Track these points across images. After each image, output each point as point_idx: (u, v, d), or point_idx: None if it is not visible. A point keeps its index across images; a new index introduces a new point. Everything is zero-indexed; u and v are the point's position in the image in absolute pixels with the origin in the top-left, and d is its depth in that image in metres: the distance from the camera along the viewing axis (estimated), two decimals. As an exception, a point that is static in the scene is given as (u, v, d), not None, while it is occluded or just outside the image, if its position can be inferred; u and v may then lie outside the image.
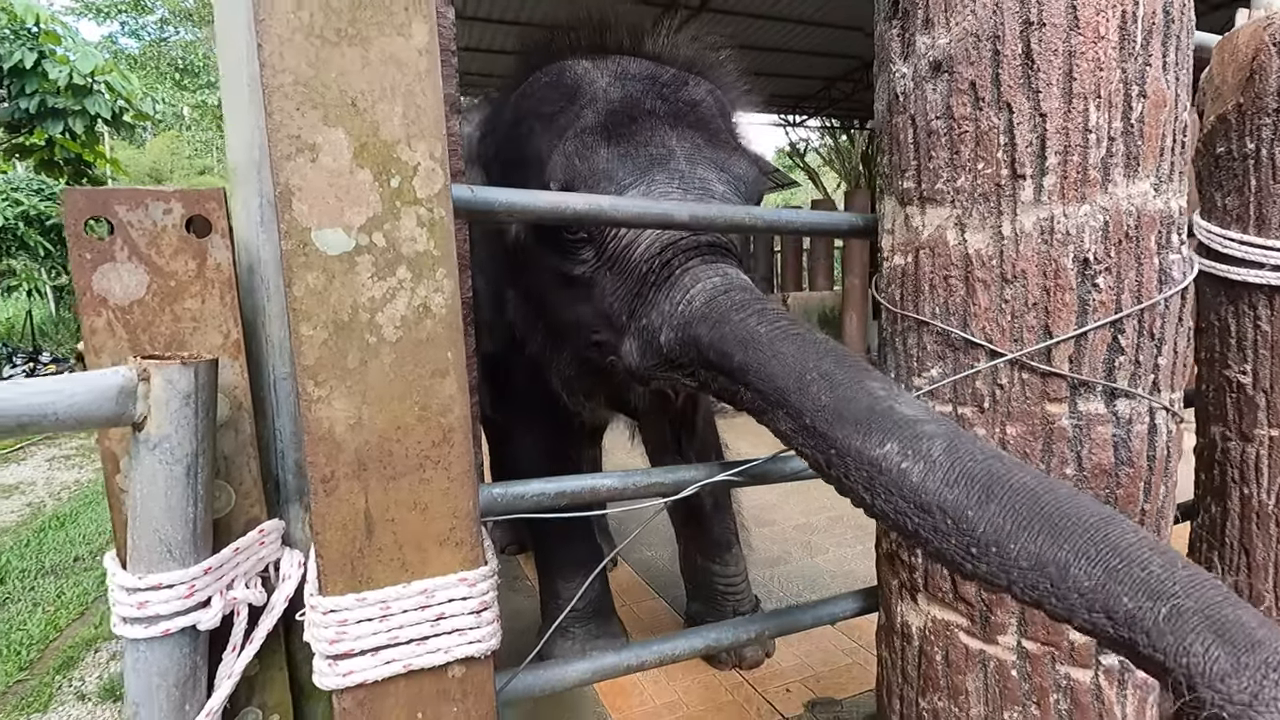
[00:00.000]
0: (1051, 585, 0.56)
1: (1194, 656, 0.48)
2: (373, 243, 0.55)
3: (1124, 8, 0.76)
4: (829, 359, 0.77)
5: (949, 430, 0.67)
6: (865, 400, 0.71)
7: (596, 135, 1.12)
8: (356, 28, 0.53)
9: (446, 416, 0.58)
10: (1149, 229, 0.79)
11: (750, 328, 0.86)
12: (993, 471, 0.62)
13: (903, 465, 0.65)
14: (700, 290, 0.95)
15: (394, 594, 0.56)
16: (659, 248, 1.05)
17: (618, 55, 1.30)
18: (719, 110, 1.29)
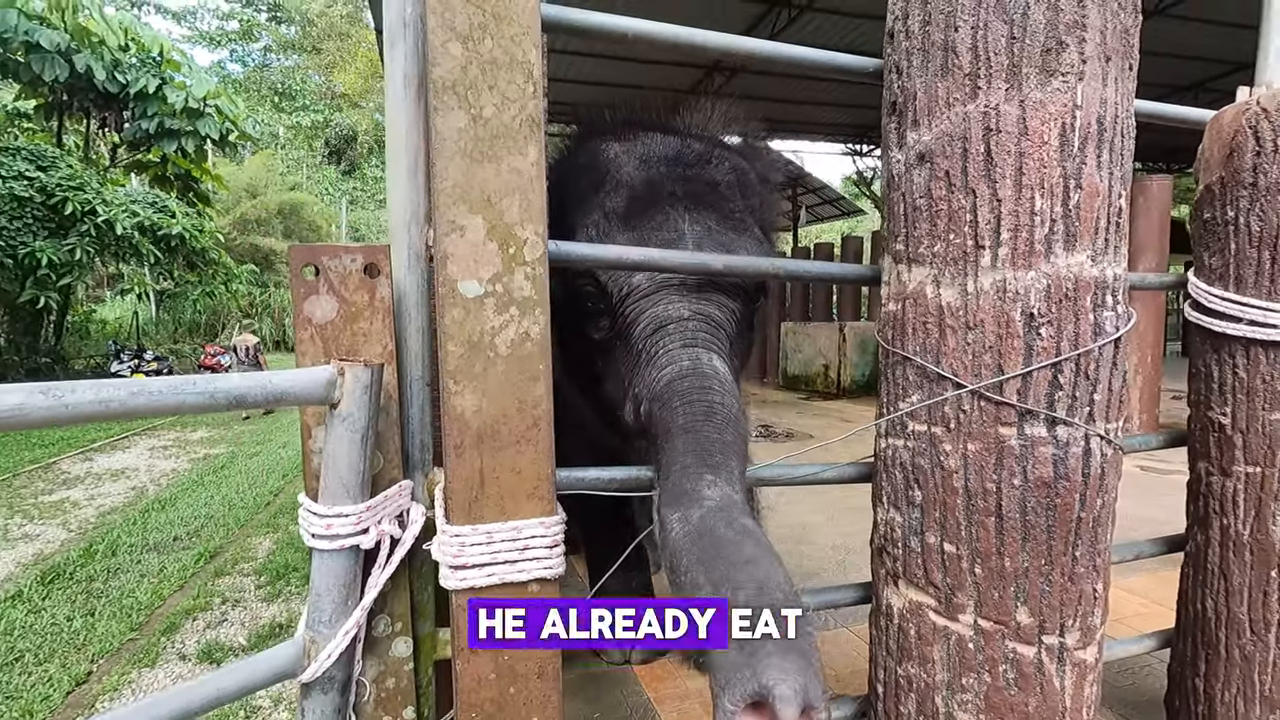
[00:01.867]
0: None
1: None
2: (495, 290, 0.82)
3: (1064, 120, 0.97)
4: (694, 455, 1.05)
5: (720, 505, 0.95)
6: (689, 485, 0.99)
7: (617, 219, 1.34)
8: (494, 150, 0.81)
9: (536, 409, 0.84)
10: (1085, 291, 0.99)
11: (669, 416, 1.13)
12: (706, 528, 0.90)
13: (674, 525, 0.92)
14: (667, 373, 1.19)
15: (496, 528, 0.82)
16: (653, 329, 1.26)
17: (650, 132, 1.49)
18: (740, 187, 1.46)
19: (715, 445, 1.10)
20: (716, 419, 1.14)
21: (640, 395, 1.25)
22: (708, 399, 1.17)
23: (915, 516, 1.11)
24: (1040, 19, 0.97)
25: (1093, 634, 1.06)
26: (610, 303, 1.35)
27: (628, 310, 1.32)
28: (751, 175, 1.55)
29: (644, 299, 1.30)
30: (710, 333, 1.29)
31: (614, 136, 1.51)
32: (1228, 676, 1.42)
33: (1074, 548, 1.02)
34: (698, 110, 1.61)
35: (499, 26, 0.80)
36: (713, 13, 10.52)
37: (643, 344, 1.29)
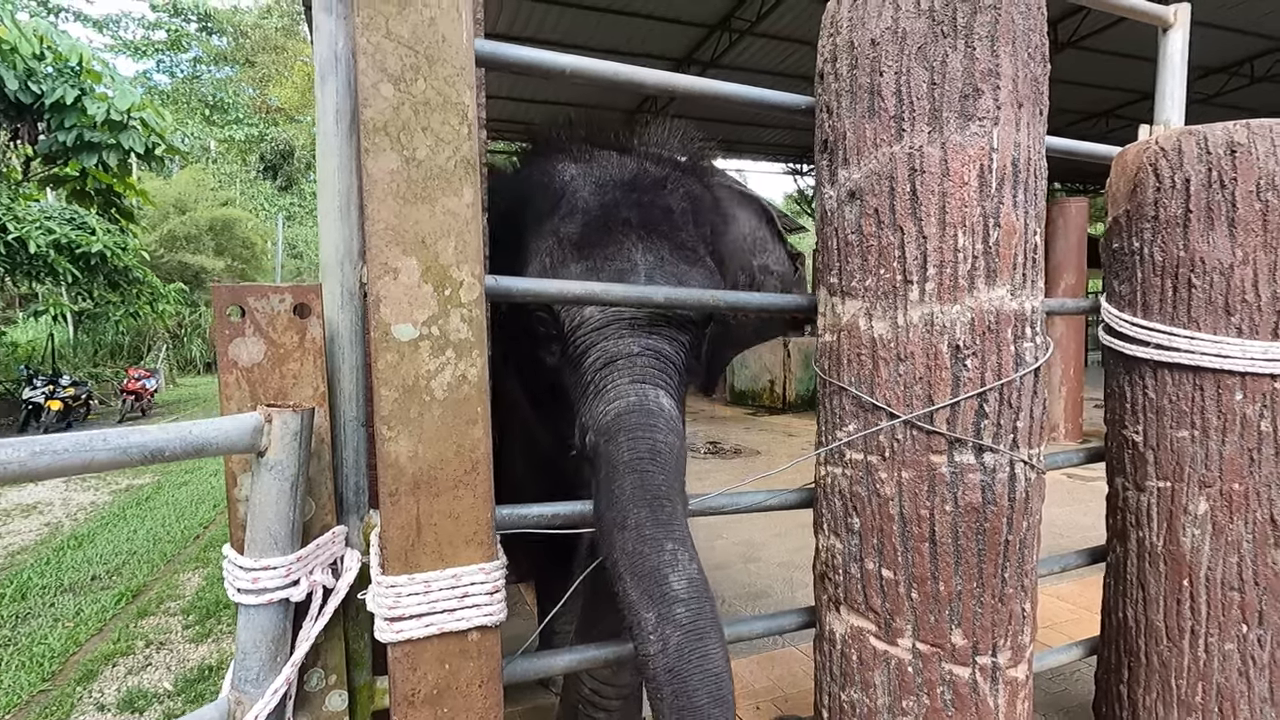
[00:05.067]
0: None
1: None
2: (431, 333, 0.81)
3: (982, 162, 1.03)
4: (647, 508, 1.09)
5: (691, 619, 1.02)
6: (653, 561, 1.04)
7: (571, 247, 1.33)
8: (428, 192, 0.80)
9: (475, 453, 0.83)
10: (1006, 324, 1.04)
11: (615, 451, 1.15)
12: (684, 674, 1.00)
13: (651, 635, 1.01)
14: (614, 407, 1.20)
15: (434, 576, 0.80)
16: (603, 362, 1.26)
17: (607, 153, 1.49)
18: (694, 214, 1.47)
19: (663, 492, 1.11)
20: (660, 459, 1.14)
21: (588, 426, 1.25)
22: (653, 437, 1.17)
23: (854, 543, 1.13)
24: (958, 66, 1.03)
25: (1023, 652, 1.10)
26: (562, 331, 1.34)
27: (579, 341, 1.32)
28: (706, 200, 1.56)
29: (595, 332, 1.30)
30: (658, 368, 1.30)
31: (569, 156, 1.51)
32: (1148, 682, 1.50)
33: (1003, 570, 1.06)
34: (653, 130, 1.62)
35: (432, 68, 0.80)
36: (655, 37, 10.69)
37: (592, 376, 1.28)
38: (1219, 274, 1.38)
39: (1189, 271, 1.41)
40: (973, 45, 1.02)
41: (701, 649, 1.00)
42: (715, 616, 1.06)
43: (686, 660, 0.99)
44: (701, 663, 1.00)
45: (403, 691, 0.81)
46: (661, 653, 1.00)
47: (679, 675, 0.99)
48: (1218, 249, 1.38)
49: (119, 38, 29.14)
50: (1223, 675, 1.40)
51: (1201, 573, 1.42)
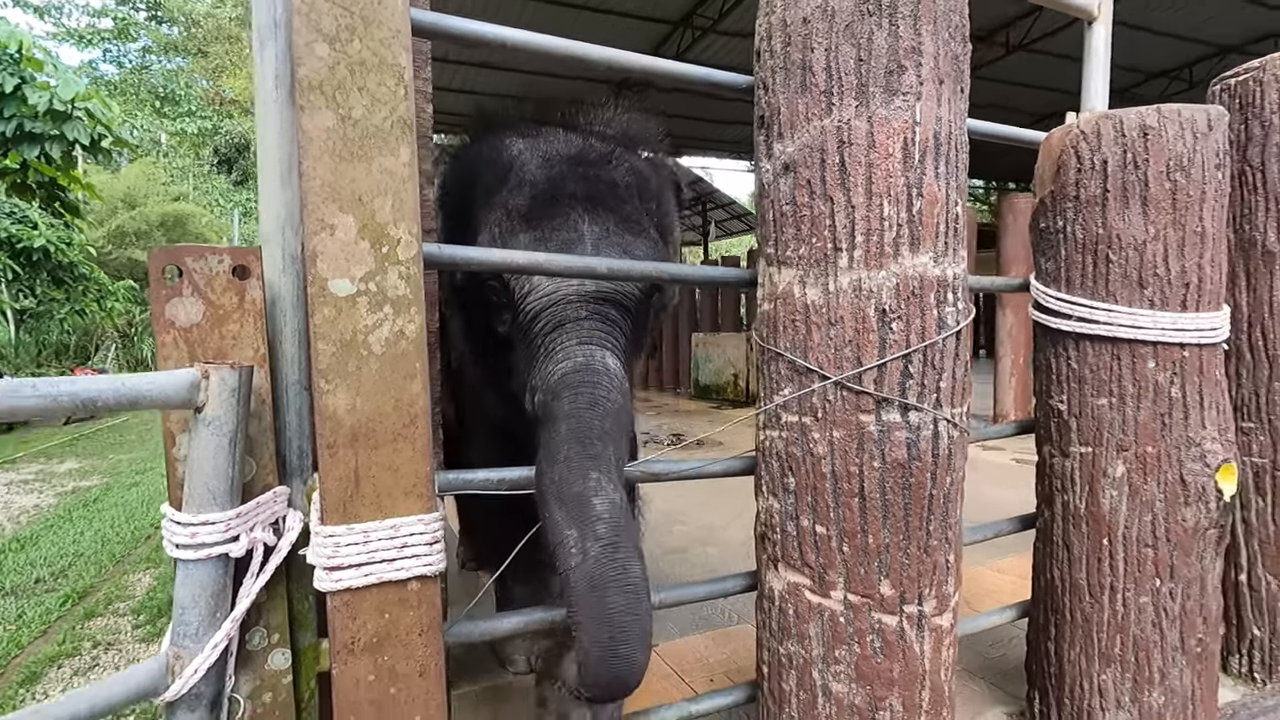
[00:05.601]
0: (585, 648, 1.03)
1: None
2: (368, 288, 0.82)
3: (905, 135, 1.08)
4: (577, 444, 1.14)
5: (611, 534, 1.07)
6: (578, 488, 1.09)
7: (519, 218, 1.36)
8: (365, 150, 0.82)
9: (413, 407, 0.85)
10: (929, 289, 1.10)
11: (556, 406, 1.21)
12: (604, 584, 1.04)
13: (573, 550, 1.05)
14: (561, 367, 1.26)
15: (373, 526, 0.82)
16: (552, 326, 1.31)
17: (555, 130, 1.53)
18: (639, 189, 1.51)
19: (595, 432, 1.17)
20: (599, 409, 1.19)
21: (536, 387, 1.29)
22: (594, 392, 1.22)
23: (790, 502, 1.18)
24: (883, 44, 1.08)
25: (947, 601, 1.16)
26: (513, 300, 1.38)
27: (528, 308, 1.35)
28: (651, 178, 1.61)
29: (544, 298, 1.34)
30: (605, 331, 1.34)
31: (517, 134, 1.54)
32: (1072, 637, 1.58)
33: (928, 523, 1.12)
34: (600, 112, 1.66)
35: (367, 29, 0.81)
36: (618, 33, 10.73)
37: (541, 341, 1.32)
38: (1133, 250, 1.46)
39: (1106, 248, 1.49)
40: (896, 24, 1.08)
41: (621, 561, 1.06)
42: (636, 541, 1.12)
43: (605, 569, 1.04)
44: (620, 575, 1.05)
45: (342, 640, 0.82)
46: (581, 563, 1.04)
47: (597, 583, 1.04)
48: (1132, 226, 1.46)
49: (62, 25, 28.00)
50: (1138, 627, 1.49)
51: (1119, 531, 1.50)
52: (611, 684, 1.07)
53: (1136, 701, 1.50)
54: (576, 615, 1.06)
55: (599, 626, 1.04)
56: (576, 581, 1.06)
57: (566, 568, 1.06)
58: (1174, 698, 1.48)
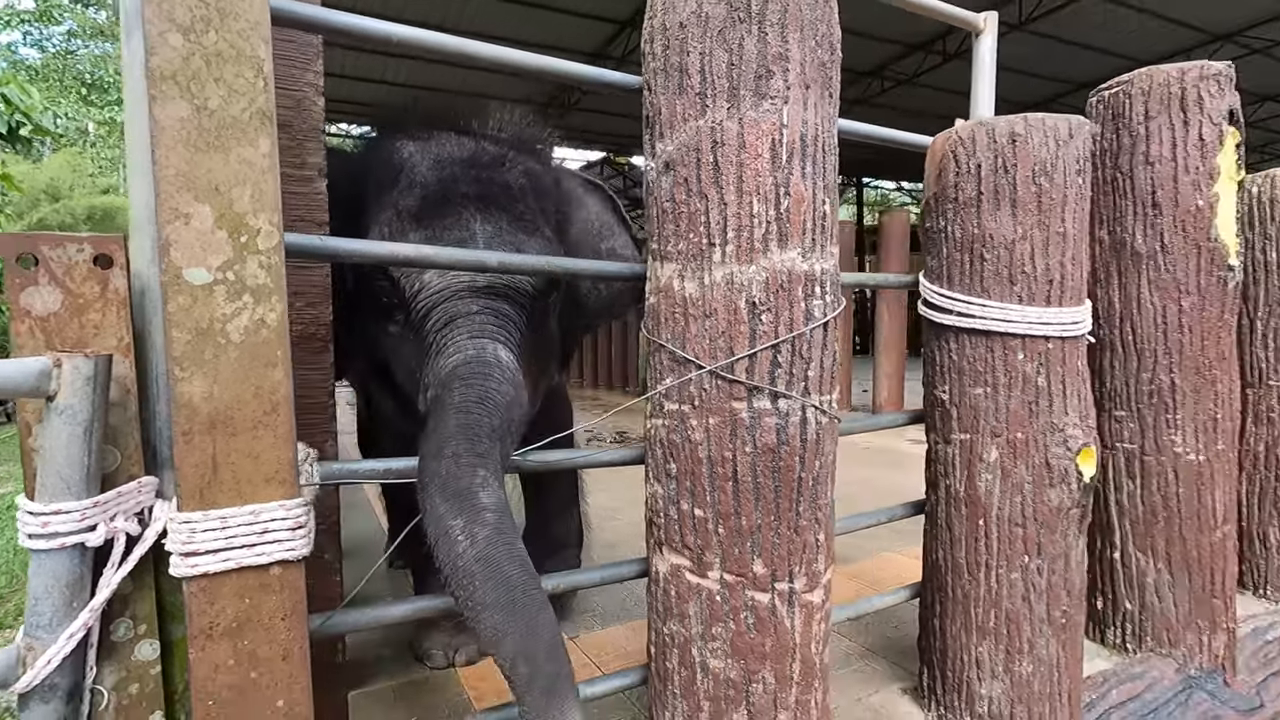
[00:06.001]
0: (496, 645, 1.03)
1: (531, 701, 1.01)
2: (226, 277, 0.83)
3: (773, 136, 1.14)
4: (465, 441, 1.15)
5: (498, 521, 1.08)
6: (465, 483, 1.10)
7: (410, 217, 1.38)
8: (222, 141, 0.83)
9: (275, 395, 0.86)
10: (797, 283, 1.16)
11: (446, 397, 1.21)
12: (496, 560, 1.05)
13: (459, 537, 1.05)
14: (452, 360, 1.27)
15: (232, 512, 0.83)
16: (444, 322, 1.32)
17: (448, 135, 1.55)
18: (534, 190, 1.54)
19: (484, 430, 1.19)
20: (489, 404, 1.21)
21: (429, 384, 1.30)
22: (485, 384, 1.24)
23: (672, 487, 1.23)
24: (753, 49, 1.14)
25: (818, 578, 1.23)
26: (404, 298, 1.38)
27: (419, 305, 1.36)
28: (546, 180, 1.64)
29: (435, 294, 1.35)
30: (497, 325, 1.36)
31: (410, 137, 1.55)
32: (953, 613, 1.68)
33: (797, 504, 1.18)
34: (495, 116, 1.68)
35: (224, 21, 0.82)
36: (568, 31, 10.71)
37: (433, 337, 1.34)
38: (1004, 248, 1.57)
39: (981, 246, 1.59)
40: (765, 31, 1.14)
41: (510, 544, 1.06)
42: (515, 525, 1.13)
43: (495, 548, 1.04)
44: (510, 551, 1.06)
45: (199, 625, 0.83)
46: (470, 546, 1.04)
47: (489, 560, 1.03)
48: (1003, 226, 1.56)
49: (-22, 6, 26.36)
50: (1010, 601, 1.60)
51: (993, 512, 1.61)
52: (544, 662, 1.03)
53: (1009, 671, 1.60)
54: (469, 592, 1.03)
55: (497, 591, 1.02)
56: (466, 564, 1.04)
57: (453, 555, 1.05)
58: (1041, 666, 1.59)
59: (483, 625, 1.05)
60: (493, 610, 1.03)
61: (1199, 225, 1.86)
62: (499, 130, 1.64)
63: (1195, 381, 1.89)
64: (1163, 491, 1.93)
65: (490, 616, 1.04)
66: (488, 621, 1.04)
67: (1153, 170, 1.89)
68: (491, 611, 1.03)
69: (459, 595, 1.06)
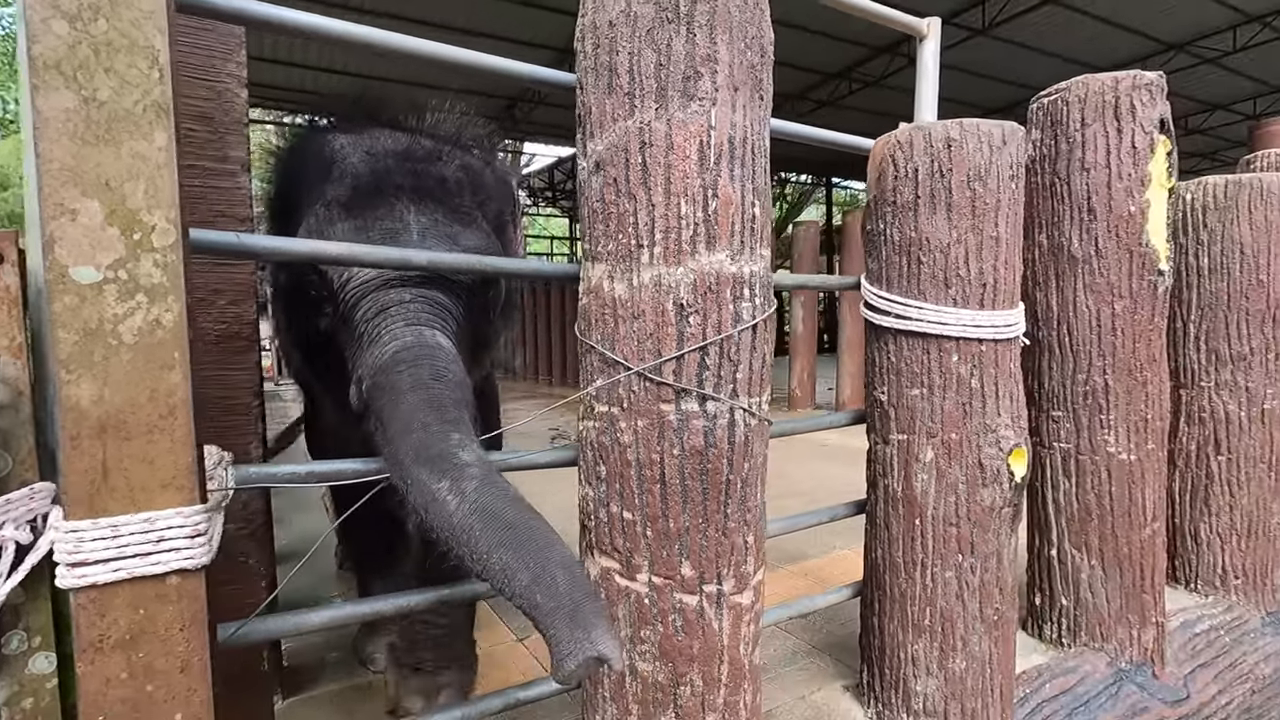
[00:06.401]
0: (508, 584, 0.95)
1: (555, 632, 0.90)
2: (118, 276, 0.80)
3: (701, 138, 1.14)
4: (434, 413, 1.11)
5: (484, 473, 1.04)
6: (441, 447, 1.05)
7: (340, 208, 1.33)
8: (113, 134, 0.79)
9: (172, 398, 0.83)
10: (725, 285, 1.16)
11: (395, 379, 1.17)
12: (492, 507, 0.99)
13: (448, 497, 1.00)
14: (390, 348, 1.22)
15: (123, 520, 0.80)
16: (376, 311, 1.28)
17: (382, 128, 1.52)
18: (471, 184, 1.51)
19: (449, 401, 1.15)
20: (445, 380, 1.19)
21: (363, 375, 1.25)
22: (434, 364, 1.21)
23: (602, 490, 1.22)
24: (681, 50, 1.13)
25: (746, 580, 1.23)
26: (332, 290, 1.34)
27: (349, 296, 1.32)
28: (486, 175, 1.61)
29: (365, 284, 1.31)
30: (434, 313, 1.32)
31: (343, 129, 1.51)
32: (891, 611, 1.70)
33: (726, 506, 1.18)
34: (434, 111, 1.65)
35: (114, 9, 0.79)
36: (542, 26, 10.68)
37: (364, 327, 1.29)
38: (940, 252, 1.59)
39: (918, 250, 1.61)
40: (694, 32, 1.13)
41: (504, 491, 1.02)
42: (511, 486, 1.06)
43: (487, 496, 0.99)
44: (504, 496, 1.01)
45: (88, 638, 0.80)
46: (462, 502, 0.99)
47: (484, 509, 0.98)
48: (939, 230, 1.58)
49: (-80, -15, 25.22)
50: (944, 599, 1.62)
51: (929, 512, 1.63)
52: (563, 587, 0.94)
53: (943, 668, 1.63)
54: (471, 545, 0.96)
55: (499, 532, 0.96)
56: (461, 519, 0.98)
57: (444, 516, 0.99)
58: (974, 662, 1.62)
59: (492, 570, 0.97)
60: (499, 550, 0.96)
61: (1131, 231, 1.90)
62: (437, 125, 1.61)
63: (1127, 383, 1.94)
64: (1096, 490, 1.98)
65: (498, 557, 0.96)
66: (496, 564, 0.96)
67: (1088, 176, 1.94)
68: (498, 552, 0.96)
69: (463, 554, 0.99)
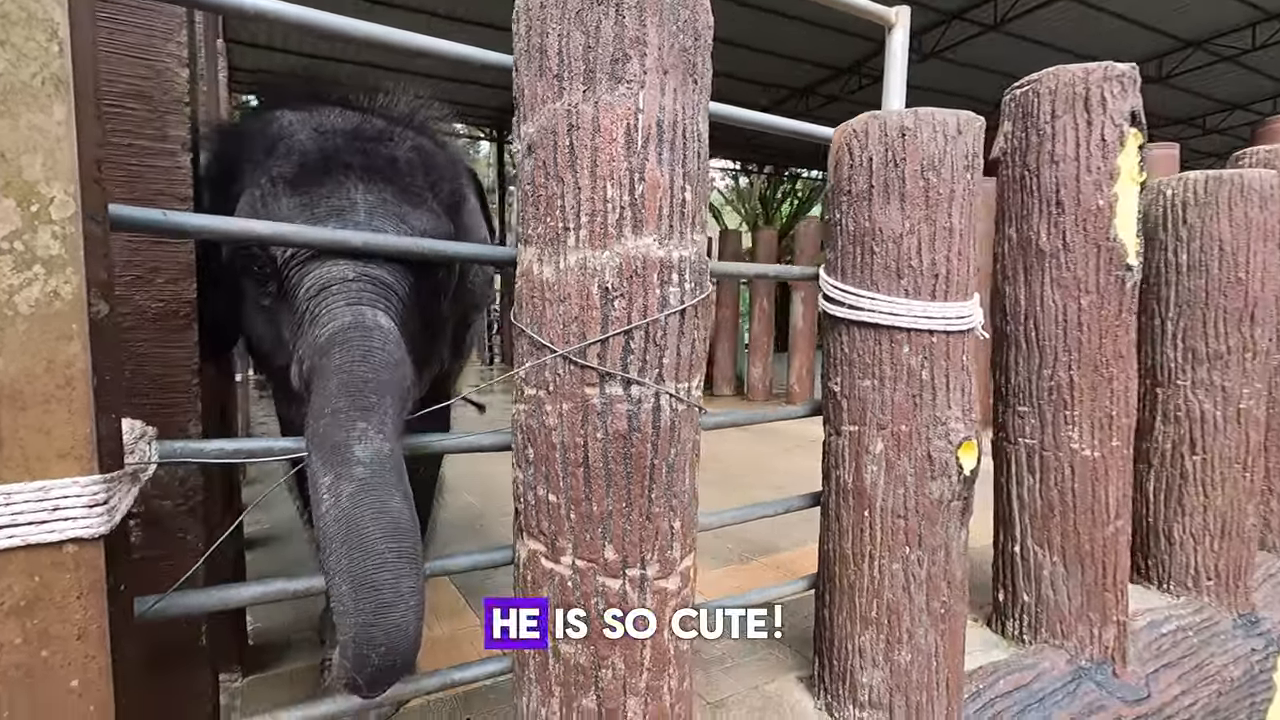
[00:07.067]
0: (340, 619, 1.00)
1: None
2: (14, 247, 0.81)
3: (628, 121, 1.13)
4: (347, 396, 1.11)
5: (369, 475, 1.05)
6: (339, 436, 1.06)
7: (284, 184, 1.33)
8: (9, 107, 0.80)
9: (70, 368, 0.84)
10: (652, 269, 1.16)
11: (325, 362, 1.17)
12: (353, 517, 1.01)
13: (325, 495, 1.02)
14: (329, 328, 1.22)
15: (17, 488, 0.81)
16: (317, 289, 1.27)
17: (331, 108, 1.51)
18: (422, 165, 1.50)
19: (370, 385, 1.15)
20: (373, 360, 1.18)
21: (303, 355, 1.25)
22: (368, 344, 1.21)
23: (530, 473, 1.23)
24: (610, 32, 1.12)
25: (672, 565, 1.23)
26: (275, 267, 1.34)
27: (291, 273, 1.32)
28: (439, 157, 1.61)
29: (308, 261, 1.30)
30: (376, 292, 1.32)
31: (289, 106, 1.51)
32: (840, 603, 1.70)
33: (650, 491, 1.18)
34: (387, 93, 1.64)
35: (12, -19, 0.80)
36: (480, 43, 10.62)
37: (306, 305, 1.29)
38: (893, 242, 1.57)
39: (871, 240, 1.60)
40: (623, 14, 1.12)
41: (379, 500, 1.02)
42: (402, 484, 1.08)
43: (359, 506, 1.00)
44: (377, 508, 1.01)
45: (-17, 605, 0.82)
46: (334, 506, 0.99)
47: (351, 521, 0.99)
48: (892, 220, 1.57)
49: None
50: (891, 591, 1.61)
51: (878, 504, 1.62)
52: (381, 654, 0.97)
53: (889, 660, 1.62)
54: (329, 567, 0.97)
55: (351, 556, 0.96)
56: (327, 525, 0.99)
57: (318, 515, 1.00)
58: (920, 655, 1.61)
59: (333, 593, 0.99)
60: (341, 578, 0.98)
61: (1099, 225, 1.88)
62: (390, 106, 1.61)
63: (1093, 379, 1.92)
64: (1059, 486, 1.97)
65: (338, 584, 0.98)
66: (337, 591, 0.98)
67: (1057, 169, 1.91)
68: (340, 579, 0.98)
69: (320, 559, 1.01)
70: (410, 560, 1.02)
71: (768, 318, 8.97)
